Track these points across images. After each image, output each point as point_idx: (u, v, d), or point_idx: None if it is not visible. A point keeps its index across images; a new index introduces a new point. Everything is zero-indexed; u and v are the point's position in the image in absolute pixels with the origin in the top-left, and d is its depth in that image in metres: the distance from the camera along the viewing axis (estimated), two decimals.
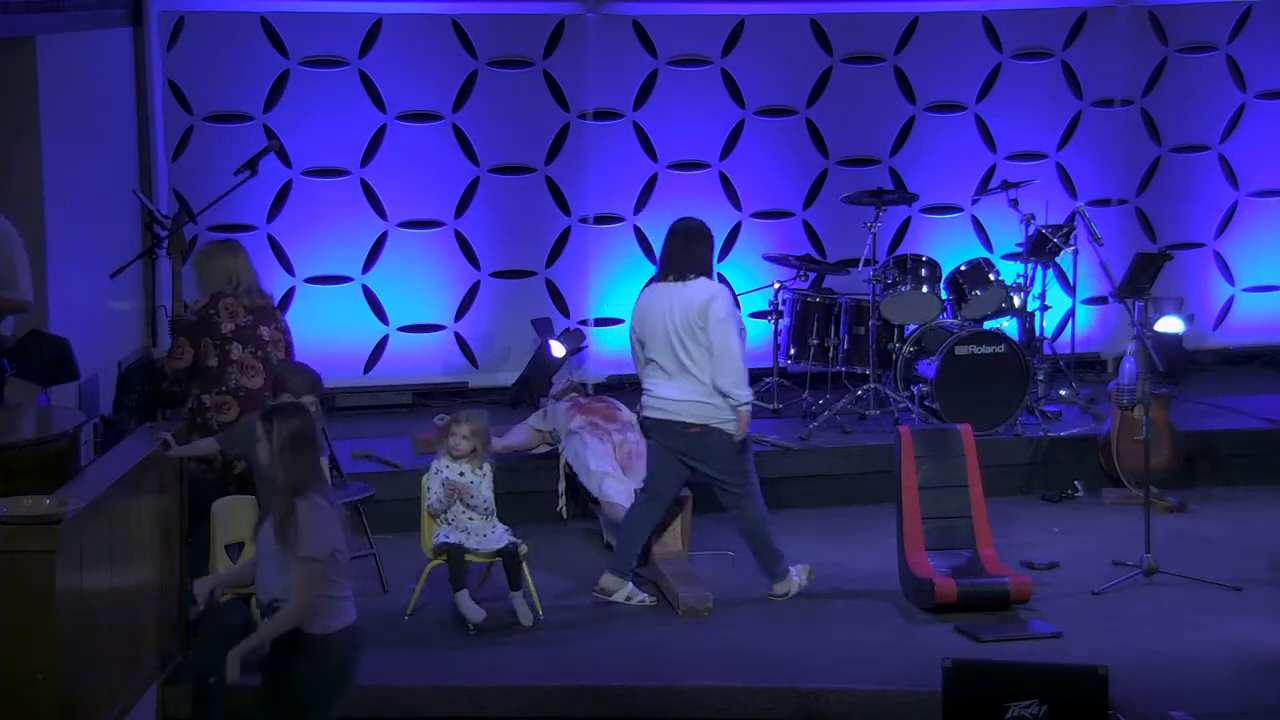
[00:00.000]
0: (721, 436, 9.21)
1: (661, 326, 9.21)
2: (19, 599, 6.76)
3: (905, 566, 9.43)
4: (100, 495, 7.39)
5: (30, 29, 10.00)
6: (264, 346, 9.05)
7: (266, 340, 9.07)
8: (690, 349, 9.17)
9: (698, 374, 9.16)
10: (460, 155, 12.60)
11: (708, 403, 9.18)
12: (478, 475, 9.13)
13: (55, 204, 10.37)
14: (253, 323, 9.07)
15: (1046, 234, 12.00)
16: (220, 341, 8.99)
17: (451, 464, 9.12)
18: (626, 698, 8.29)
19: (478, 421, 9.19)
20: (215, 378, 8.99)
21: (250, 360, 9.01)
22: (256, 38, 12.22)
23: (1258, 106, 13.57)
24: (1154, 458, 10.32)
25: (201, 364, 9.01)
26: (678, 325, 9.17)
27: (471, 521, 9.06)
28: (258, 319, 9.09)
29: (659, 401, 9.30)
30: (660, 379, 9.30)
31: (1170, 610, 9.24)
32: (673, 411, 9.24)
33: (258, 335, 9.06)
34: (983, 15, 13.12)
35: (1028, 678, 6.90)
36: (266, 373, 8.95)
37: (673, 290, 9.24)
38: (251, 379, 9.00)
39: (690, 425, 9.22)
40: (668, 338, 9.19)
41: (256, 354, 9.03)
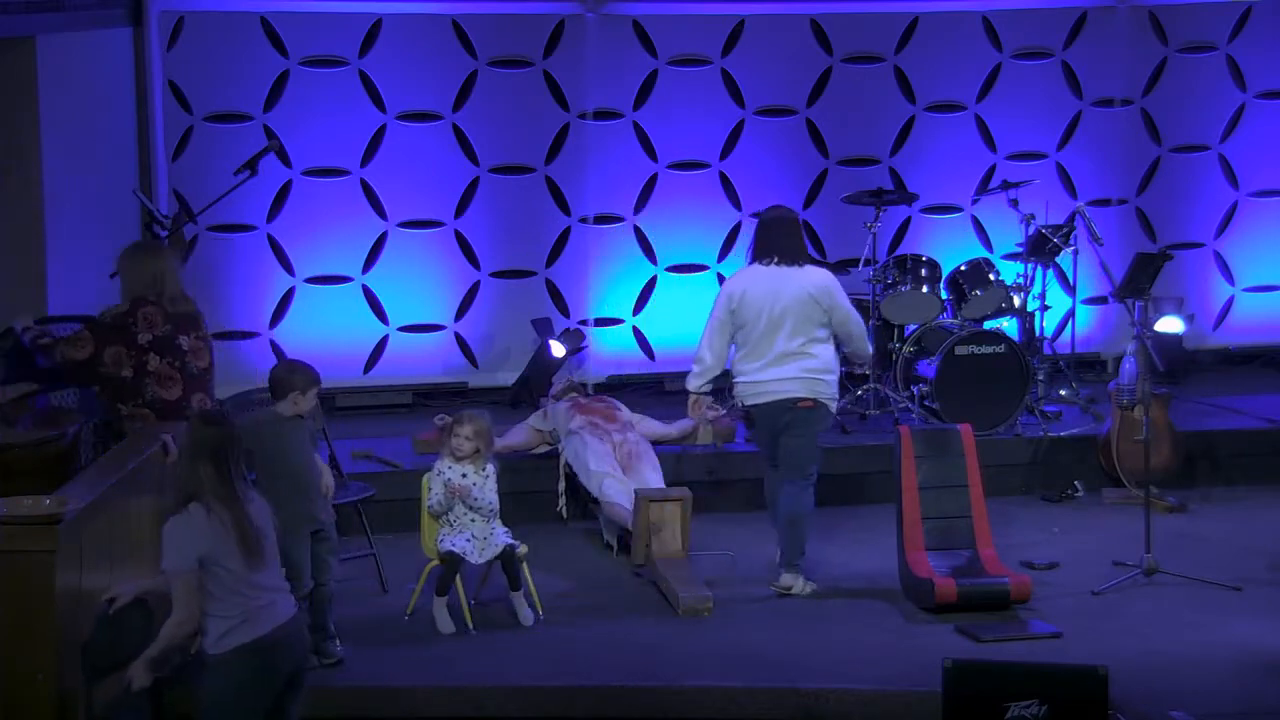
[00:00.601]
0: (826, 412, 9.52)
1: (768, 306, 9.42)
2: (19, 599, 6.77)
3: (905, 566, 9.43)
4: (100, 495, 7.39)
5: (30, 29, 10.01)
6: (183, 357, 8.74)
7: (186, 350, 8.75)
8: (804, 328, 9.42)
9: (812, 351, 9.44)
10: (460, 155, 12.60)
11: (820, 379, 9.46)
12: (481, 476, 9.11)
13: (55, 204, 10.37)
14: (172, 332, 8.73)
15: (1046, 234, 12.00)
16: (136, 352, 8.67)
17: (454, 465, 9.11)
18: (626, 698, 8.28)
19: (480, 422, 9.16)
20: (132, 389, 8.67)
21: (168, 371, 8.70)
22: (256, 38, 12.22)
23: (1258, 106, 13.57)
24: (1154, 458, 10.32)
25: (115, 375, 8.68)
26: (789, 306, 9.40)
27: (474, 524, 9.05)
28: (177, 328, 8.75)
29: (762, 386, 9.48)
30: (757, 363, 9.48)
31: (1170, 610, 9.23)
32: (783, 391, 9.43)
33: (176, 345, 8.73)
34: (983, 15, 13.12)
35: (1028, 678, 6.90)
36: (184, 384, 8.71)
37: (780, 273, 9.48)
38: (169, 390, 8.69)
39: (802, 400, 9.43)
40: (776, 317, 9.42)
41: (174, 364, 8.71)
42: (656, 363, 12.99)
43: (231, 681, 6.61)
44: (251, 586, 6.60)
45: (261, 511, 6.72)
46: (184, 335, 8.77)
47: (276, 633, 6.63)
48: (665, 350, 12.95)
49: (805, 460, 9.55)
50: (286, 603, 6.73)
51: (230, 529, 6.55)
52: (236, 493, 6.61)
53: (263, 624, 6.60)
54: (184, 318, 8.81)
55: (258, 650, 6.60)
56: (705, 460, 11.16)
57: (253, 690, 6.64)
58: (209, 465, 6.60)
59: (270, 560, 6.69)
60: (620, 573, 9.99)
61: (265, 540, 6.65)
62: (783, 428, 9.52)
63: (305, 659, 6.86)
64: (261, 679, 6.64)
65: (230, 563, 6.56)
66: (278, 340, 12.44)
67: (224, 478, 6.60)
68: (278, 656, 6.64)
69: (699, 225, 12.92)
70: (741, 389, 9.62)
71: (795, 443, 9.52)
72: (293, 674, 6.73)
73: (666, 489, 10.11)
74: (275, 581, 6.72)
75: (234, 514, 6.57)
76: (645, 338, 12.98)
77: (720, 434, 11.23)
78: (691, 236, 12.93)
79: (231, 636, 6.58)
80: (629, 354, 12.99)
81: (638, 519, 9.85)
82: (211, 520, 6.55)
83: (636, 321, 12.98)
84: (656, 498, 9.90)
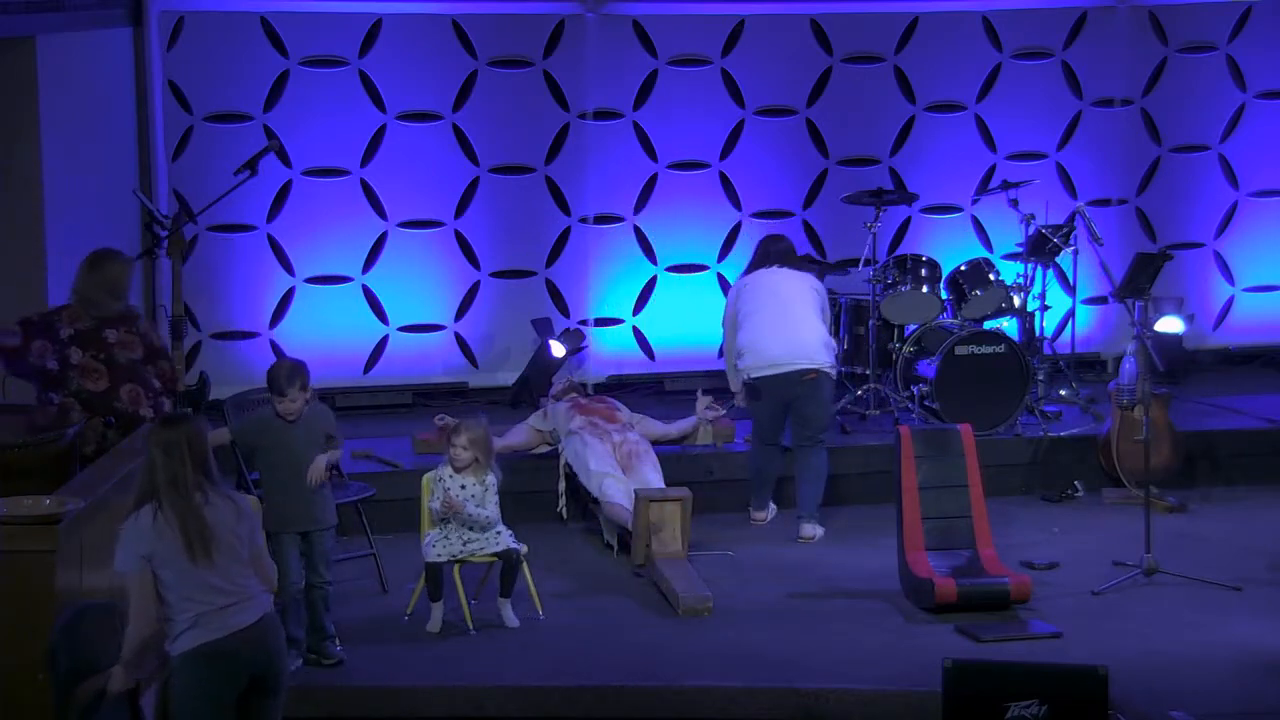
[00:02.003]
0: (829, 379, 10.58)
1: (774, 295, 10.62)
2: (19, 599, 6.76)
3: (905, 566, 9.43)
4: (100, 495, 7.39)
5: (30, 29, 10.01)
6: (109, 349, 8.87)
7: (113, 343, 8.88)
8: (805, 310, 10.58)
9: (813, 328, 10.53)
10: (460, 155, 12.60)
11: (821, 351, 10.51)
12: (481, 487, 9.05)
13: (55, 204, 10.37)
14: (97, 326, 8.89)
15: (1046, 234, 12.00)
16: (58, 346, 8.82)
17: (454, 475, 9.07)
18: (626, 698, 8.28)
19: (475, 430, 9.06)
20: (58, 380, 8.83)
21: (92, 364, 8.83)
22: (256, 38, 12.22)
23: (1258, 106, 13.57)
24: (1154, 458, 10.32)
25: (40, 366, 8.83)
26: (794, 294, 10.63)
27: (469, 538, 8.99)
28: (103, 323, 8.90)
29: (769, 359, 10.48)
30: (763, 339, 10.51)
31: (1170, 610, 9.23)
32: (790, 363, 10.44)
33: (102, 338, 8.87)
34: (983, 15, 13.12)
35: (1028, 678, 6.90)
36: (111, 375, 8.84)
37: (779, 273, 10.74)
38: (95, 382, 8.83)
39: (807, 373, 10.42)
40: (783, 303, 10.58)
41: (98, 357, 8.84)
42: (656, 363, 12.99)
43: (188, 684, 6.54)
44: (205, 589, 6.47)
45: (224, 514, 6.54)
46: (111, 329, 8.89)
47: (234, 638, 6.50)
48: (665, 350, 12.95)
49: (820, 429, 10.60)
50: (251, 608, 6.55)
51: (177, 531, 6.44)
52: (188, 494, 6.47)
53: (216, 628, 6.49)
54: (111, 317, 8.93)
55: (210, 655, 6.50)
56: (705, 460, 11.16)
57: (208, 694, 6.53)
58: (162, 466, 6.50)
59: (228, 563, 6.51)
60: (620, 573, 9.99)
61: (218, 543, 6.47)
62: (793, 400, 10.50)
63: (273, 664, 6.62)
64: (217, 683, 6.53)
65: (176, 564, 6.45)
66: (278, 340, 12.43)
67: (175, 479, 6.49)
68: (235, 662, 6.51)
69: (699, 225, 12.92)
70: (749, 363, 10.55)
71: (811, 411, 10.53)
72: (259, 678, 6.57)
73: (666, 489, 10.11)
74: (236, 585, 6.52)
75: (181, 515, 6.45)
76: (645, 338, 12.98)
77: (720, 434, 11.24)
78: (691, 236, 12.93)
79: (184, 639, 6.51)
80: (629, 354, 12.99)
81: (638, 519, 9.85)
82: (158, 522, 6.46)
83: (636, 321, 12.98)
84: (656, 498, 9.90)
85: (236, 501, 6.68)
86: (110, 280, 8.98)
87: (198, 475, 6.54)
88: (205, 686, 6.53)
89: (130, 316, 9.04)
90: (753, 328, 10.60)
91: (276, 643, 6.68)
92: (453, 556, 8.98)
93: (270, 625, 6.64)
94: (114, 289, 8.97)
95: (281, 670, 6.69)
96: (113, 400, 8.85)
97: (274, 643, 6.66)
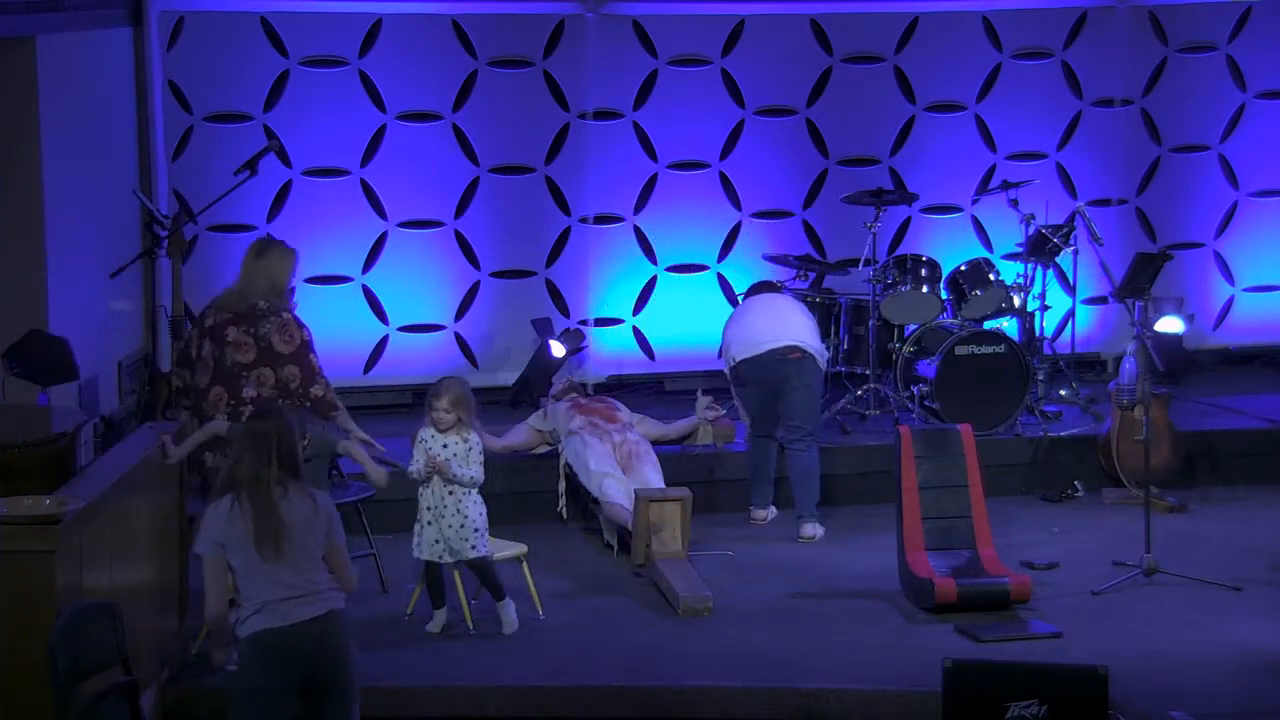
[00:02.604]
0: (815, 364, 10.58)
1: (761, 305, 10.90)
2: (19, 599, 6.77)
3: (905, 566, 9.43)
4: (100, 495, 7.40)
5: (30, 29, 10.00)
6: (224, 348, 8.95)
7: (229, 342, 8.95)
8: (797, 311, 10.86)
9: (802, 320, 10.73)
10: (460, 155, 12.60)
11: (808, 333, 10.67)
12: (464, 445, 8.87)
13: (55, 204, 10.37)
14: (225, 322, 8.99)
15: (1046, 234, 12.00)
16: (199, 335, 9.08)
17: (436, 435, 8.95)
18: (626, 698, 8.28)
19: (456, 390, 8.90)
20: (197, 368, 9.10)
21: (207, 360, 9.00)
22: (256, 38, 12.22)
23: (1258, 106, 13.57)
24: (1154, 458, 10.32)
25: (190, 353, 9.11)
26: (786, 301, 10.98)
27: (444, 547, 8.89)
28: (233, 319, 8.98)
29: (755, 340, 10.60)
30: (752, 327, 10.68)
31: (1170, 610, 9.23)
32: (774, 342, 10.51)
33: (223, 335, 8.97)
34: (983, 15, 13.12)
35: (1028, 678, 6.89)
36: (214, 373, 8.93)
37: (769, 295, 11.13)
38: (201, 377, 9.00)
39: (792, 351, 10.49)
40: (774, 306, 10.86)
41: (215, 353, 8.97)
42: (656, 363, 12.99)
43: (247, 666, 6.70)
44: (271, 581, 6.64)
45: (301, 511, 6.71)
46: (234, 327, 8.96)
47: (293, 630, 6.64)
48: (665, 350, 12.95)
49: (809, 417, 10.55)
50: (316, 603, 6.69)
51: (250, 524, 6.63)
52: (267, 490, 6.67)
53: (279, 617, 6.64)
54: (245, 312, 8.97)
55: (266, 643, 6.64)
56: (705, 460, 11.16)
57: (262, 680, 6.67)
58: (246, 458, 6.71)
59: (298, 559, 6.67)
60: (620, 573, 9.99)
61: (290, 539, 6.65)
62: (781, 382, 10.51)
63: (331, 662, 6.72)
64: (271, 671, 6.67)
65: (245, 554, 6.65)
66: None
67: (258, 476, 6.68)
68: (291, 653, 6.64)
69: (699, 225, 12.93)
70: (735, 350, 10.68)
71: (798, 396, 10.49)
72: (316, 675, 6.68)
73: (666, 489, 10.11)
74: (304, 580, 6.68)
75: (257, 510, 6.64)
76: (645, 338, 12.98)
77: (720, 434, 11.24)
78: (691, 236, 12.93)
79: (248, 624, 6.68)
80: (629, 354, 12.99)
81: (638, 519, 9.85)
82: (233, 512, 6.66)
83: (636, 321, 12.98)
84: (656, 498, 9.90)
85: (315, 499, 6.82)
86: (273, 270, 9.03)
87: (282, 472, 6.72)
88: (261, 672, 6.67)
89: (258, 316, 8.96)
90: (745, 325, 10.80)
91: (337, 641, 6.75)
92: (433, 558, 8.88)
93: (333, 624, 6.73)
94: (275, 279, 9.02)
95: (340, 670, 6.75)
96: (201, 400, 8.95)
97: (334, 641, 6.74)
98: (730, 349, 10.78)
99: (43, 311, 10.19)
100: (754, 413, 10.74)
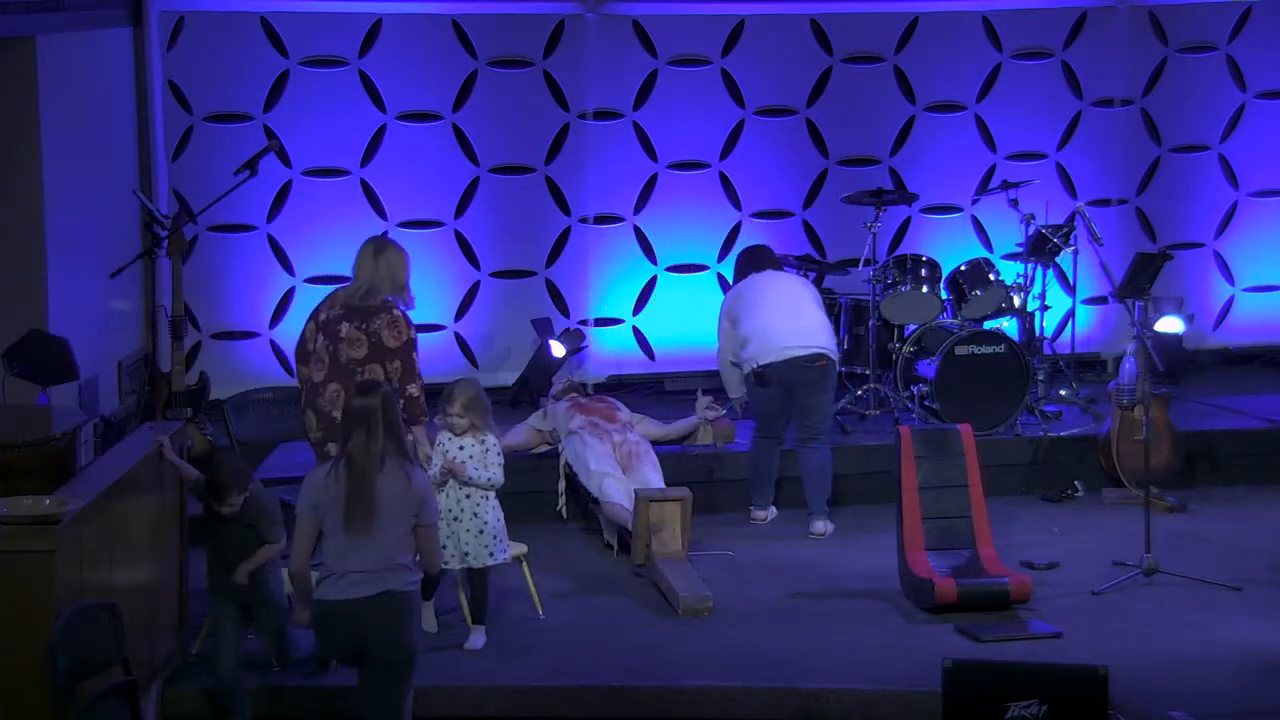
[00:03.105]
0: (834, 370, 10.64)
1: (775, 290, 10.70)
2: (19, 599, 6.77)
3: (905, 566, 9.43)
4: (100, 495, 7.40)
5: (30, 29, 10.00)
6: (338, 344, 8.91)
7: (342, 337, 8.90)
8: (810, 304, 10.71)
9: (818, 317, 10.64)
10: (460, 155, 12.60)
11: (829, 338, 10.63)
12: (480, 447, 8.83)
13: (55, 204, 10.37)
14: (339, 316, 8.95)
15: (1046, 234, 12.00)
16: (315, 328, 9.06)
17: (453, 438, 8.91)
18: (626, 698, 8.29)
19: (469, 393, 8.85)
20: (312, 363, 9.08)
21: (322, 353, 8.95)
22: (256, 38, 12.22)
23: (1258, 106, 13.57)
24: (1154, 458, 10.32)
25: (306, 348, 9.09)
26: (795, 289, 10.81)
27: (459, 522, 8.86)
28: (346, 315, 8.94)
29: (779, 344, 10.45)
30: (772, 327, 10.48)
31: (1170, 610, 9.23)
32: (802, 348, 10.45)
33: (336, 330, 8.92)
34: (983, 15, 13.12)
35: (1028, 678, 6.89)
36: (330, 369, 8.90)
37: (775, 274, 10.88)
38: (317, 371, 8.97)
39: (819, 359, 10.46)
40: (786, 296, 10.68)
41: (329, 348, 8.92)
42: (656, 363, 12.99)
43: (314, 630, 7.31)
44: (350, 552, 7.05)
45: (395, 487, 7.07)
46: (347, 323, 8.93)
47: (350, 605, 7.04)
48: (665, 350, 12.95)
49: (823, 419, 10.63)
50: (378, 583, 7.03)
51: (342, 497, 7.03)
52: (367, 465, 7.04)
53: (338, 591, 7.07)
54: (358, 310, 8.94)
55: (324, 614, 7.14)
56: (705, 460, 11.16)
57: (323, 643, 7.40)
58: (353, 436, 7.10)
59: (382, 535, 7.03)
60: (620, 573, 9.99)
61: (378, 516, 7.02)
62: (800, 385, 10.47)
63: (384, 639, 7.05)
64: (325, 639, 7.28)
65: (332, 523, 7.08)
66: (278, 340, 12.44)
67: (365, 450, 7.06)
68: (344, 626, 7.07)
69: (699, 225, 12.93)
70: (756, 350, 10.50)
71: (815, 400, 10.53)
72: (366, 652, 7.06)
73: (666, 489, 10.11)
74: (382, 556, 7.04)
75: (353, 485, 7.04)
76: (645, 338, 12.98)
77: (720, 434, 11.24)
78: (691, 236, 12.93)
79: (319, 589, 7.17)
80: (629, 354, 12.99)
81: (638, 519, 9.85)
82: (328, 479, 7.11)
83: (636, 321, 12.98)
84: (656, 498, 9.90)
85: (411, 476, 7.16)
86: (395, 266, 9.03)
87: (386, 443, 7.12)
88: (321, 634, 7.28)
89: (371, 312, 8.94)
90: (758, 318, 10.59)
91: (389, 621, 7.07)
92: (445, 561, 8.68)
93: (391, 603, 7.07)
94: (397, 275, 9.04)
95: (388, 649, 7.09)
96: (317, 396, 8.91)
97: (386, 621, 7.06)
98: (746, 348, 10.59)
99: (43, 311, 10.19)
100: (765, 414, 10.69)
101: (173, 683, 8.22)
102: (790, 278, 11.06)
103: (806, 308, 10.70)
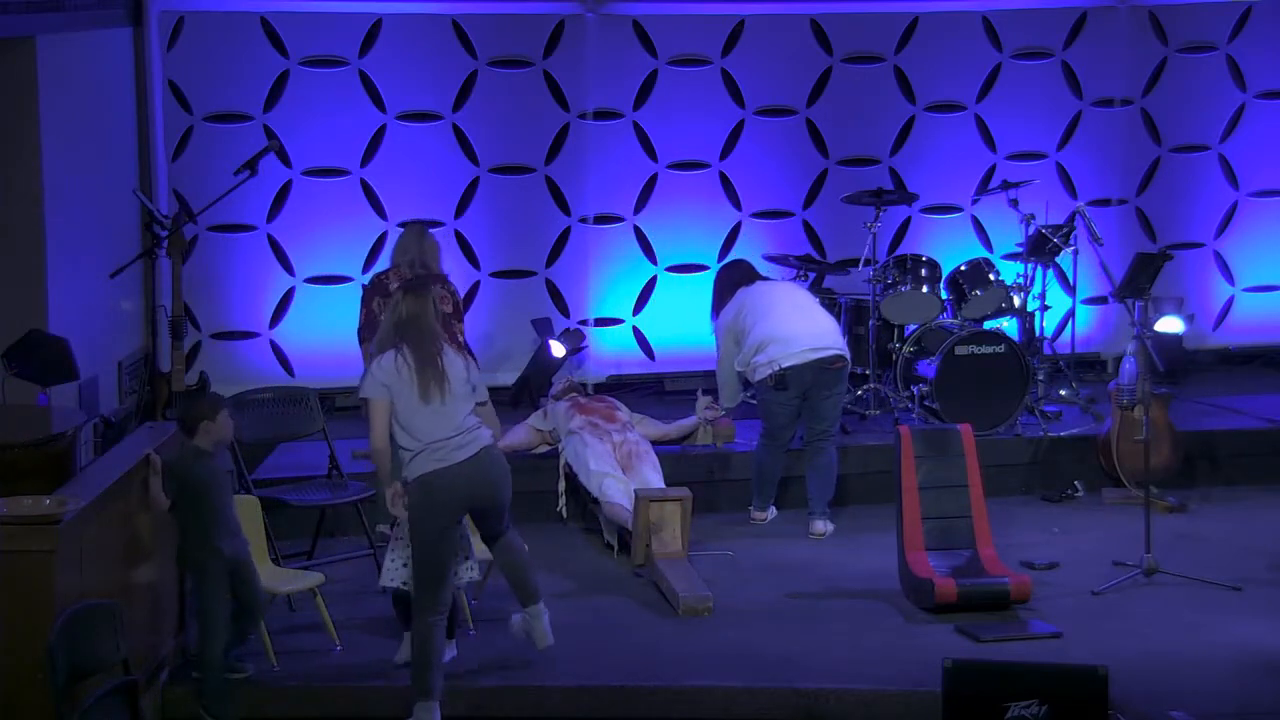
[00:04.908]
0: (848, 371, 10.69)
1: (778, 299, 10.67)
2: (19, 599, 6.77)
3: (905, 566, 9.43)
4: (100, 495, 7.40)
5: (30, 29, 10.00)
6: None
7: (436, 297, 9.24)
8: (819, 308, 10.78)
9: (829, 318, 10.71)
10: (460, 155, 12.60)
11: (841, 339, 10.70)
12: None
13: (55, 204, 10.37)
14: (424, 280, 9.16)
15: (1046, 234, 12.00)
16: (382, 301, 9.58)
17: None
18: (626, 698, 8.29)
19: None
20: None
21: None
22: (256, 38, 12.22)
23: (1258, 106, 13.57)
24: (1154, 458, 10.32)
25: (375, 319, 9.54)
26: (797, 295, 10.85)
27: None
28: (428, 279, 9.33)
29: (803, 346, 10.43)
30: (788, 330, 10.45)
31: (1170, 610, 9.23)
32: (823, 349, 10.46)
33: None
34: (983, 15, 13.12)
35: (1028, 678, 6.89)
36: None
37: (770, 283, 10.93)
38: None
39: (838, 359, 10.50)
40: (792, 303, 10.66)
41: None
42: (656, 363, 13.00)
43: (415, 505, 7.87)
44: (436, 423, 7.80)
45: (458, 366, 7.93)
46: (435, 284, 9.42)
47: (452, 470, 7.82)
48: (665, 350, 12.95)
49: (835, 420, 10.67)
50: (471, 443, 7.87)
51: (414, 373, 7.81)
52: (430, 344, 7.86)
53: (440, 459, 7.79)
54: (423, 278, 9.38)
55: (432, 484, 7.82)
56: (705, 460, 11.16)
57: (431, 515, 7.84)
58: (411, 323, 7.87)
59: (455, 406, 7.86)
60: (620, 573, 9.99)
61: (450, 387, 7.85)
62: (815, 388, 10.47)
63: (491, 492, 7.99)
64: (437, 508, 7.83)
65: (407, 400, 7.80)
66: (278, 340, 12.44)
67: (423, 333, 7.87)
68: (454, 492, 7.83)
69: (699, 225, 12.93)
70: (777, 352, 10.44)
71: (829, 402, 10.55)
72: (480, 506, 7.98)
73: (666, 489, 10.11)
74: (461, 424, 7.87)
75: (421, 362, 7.82)
76: (645, 338, 12.99)
77: (720, 434, 11.24)
78: (691, 236, 12.93)
79: (414, 465, 7.84)
80: (629, 354, 12.99)
81: (638, 519, 9.85)
82: (397, 362, 7.85)
83: (636, 321, 12.98)
84: (656, 498, 9.91)
85: (467, 357, 8.14)
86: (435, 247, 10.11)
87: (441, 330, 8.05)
88: (428, 509, 7.85)
89: (443, 276, 9.94)
90: (772, 323, 10.50)
91: (495, 472, 8.01)
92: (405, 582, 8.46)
93: (487, 459, 7.97)
94: (437, 255, 10.09)
95: (500, 492, 8.06)
96: None
97: (492, 473, 8.00)
98: (763, 352, 10.46)
99: (43, 311, 10.19)
100: (777, 423, 10.59)
101: (173, 683, 8.22)
102: (788, 284, 11.10)
103: (816, 310, 10.74)
